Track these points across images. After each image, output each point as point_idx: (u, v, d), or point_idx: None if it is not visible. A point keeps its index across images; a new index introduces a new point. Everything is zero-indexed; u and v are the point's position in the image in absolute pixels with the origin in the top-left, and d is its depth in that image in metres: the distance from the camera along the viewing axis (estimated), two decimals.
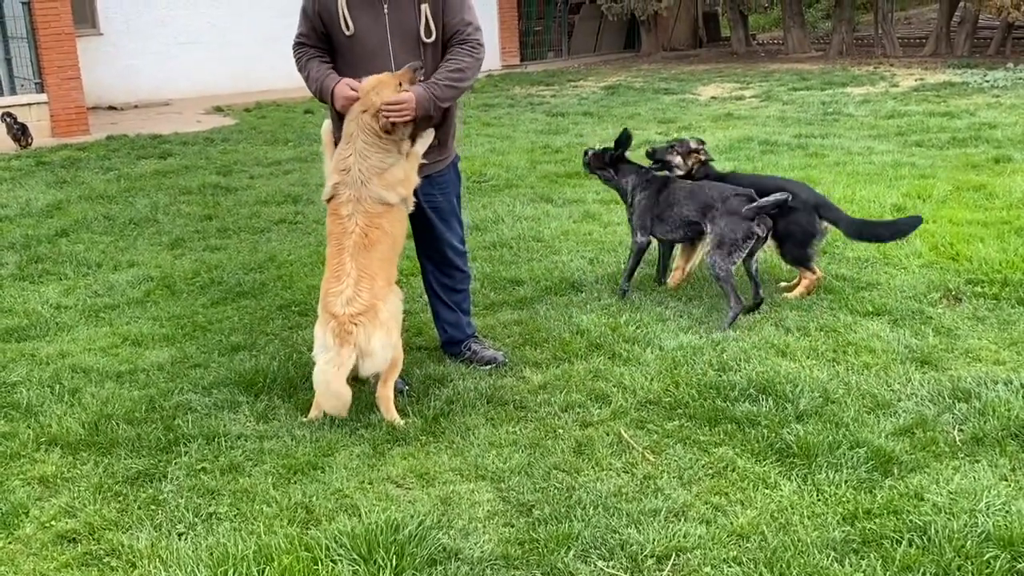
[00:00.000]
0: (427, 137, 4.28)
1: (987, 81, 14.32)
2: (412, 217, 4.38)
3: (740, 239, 5.00)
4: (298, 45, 4.36)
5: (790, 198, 5.04)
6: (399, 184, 4.14)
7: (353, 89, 4.09)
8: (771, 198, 5.01)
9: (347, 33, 4.15)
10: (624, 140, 5.55)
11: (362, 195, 4.07)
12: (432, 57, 4.23)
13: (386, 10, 4.15)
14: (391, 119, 4.01)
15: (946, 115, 11.32)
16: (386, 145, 4.08)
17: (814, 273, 5.41)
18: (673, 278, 5.66)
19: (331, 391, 3.90)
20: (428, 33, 4.19)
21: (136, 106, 15.94)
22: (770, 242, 5.33)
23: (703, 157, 5.64)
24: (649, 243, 5.51)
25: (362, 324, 3.95)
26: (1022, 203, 6.99)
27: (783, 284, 5.59)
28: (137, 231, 7.56)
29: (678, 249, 5.67)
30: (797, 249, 5.35)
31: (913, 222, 5.48)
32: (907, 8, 27.45)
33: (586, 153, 5.72)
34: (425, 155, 4.29)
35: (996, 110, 11.64)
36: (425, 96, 4.05)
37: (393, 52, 4.19)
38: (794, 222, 5.27)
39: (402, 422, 4.06)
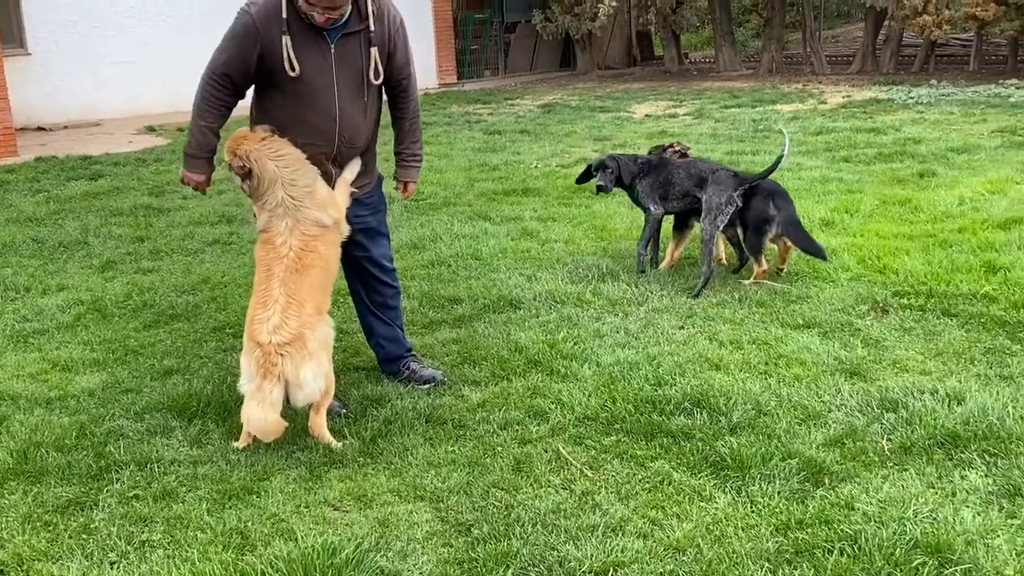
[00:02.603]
0: (354, 165, 4.37)
1: (911, 98, 14.75)
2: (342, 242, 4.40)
3: (723, 204, 5.82)
4: (214, 83, 4.14)
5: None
6: (329, 205, 4.14)
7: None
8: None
9: (292, 74, 4.08)
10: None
11: (299, 217, 4.04)
12: (375, 96, 4.35)
13: (332, 50, 4.13)
14: None
15: (872, 131, 11.62)
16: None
17: (760, 266, 5.90)
18: (665, 264, 6.31)
19: (263, 429, 3.81)
20: (376, 76, 4.24)
21: (66, 127, 15.63)
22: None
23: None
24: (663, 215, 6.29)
25: (289, 355, 3.86)
26: (946, 216, 7.20)
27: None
28: (67, 254, 7.41)
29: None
30: (755, 236, 5.88)
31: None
32: (834, 27, 28.14)
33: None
34: (353, 182, 4.38)
35: (920, 126, 11.99)
36: (417, 172, 4.75)
37: (338, 91, 4.20)
38: (752, 208, 5.88)
39: (339, 444, 4.03)
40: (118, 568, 3.23)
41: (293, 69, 4.07)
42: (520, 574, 3.13)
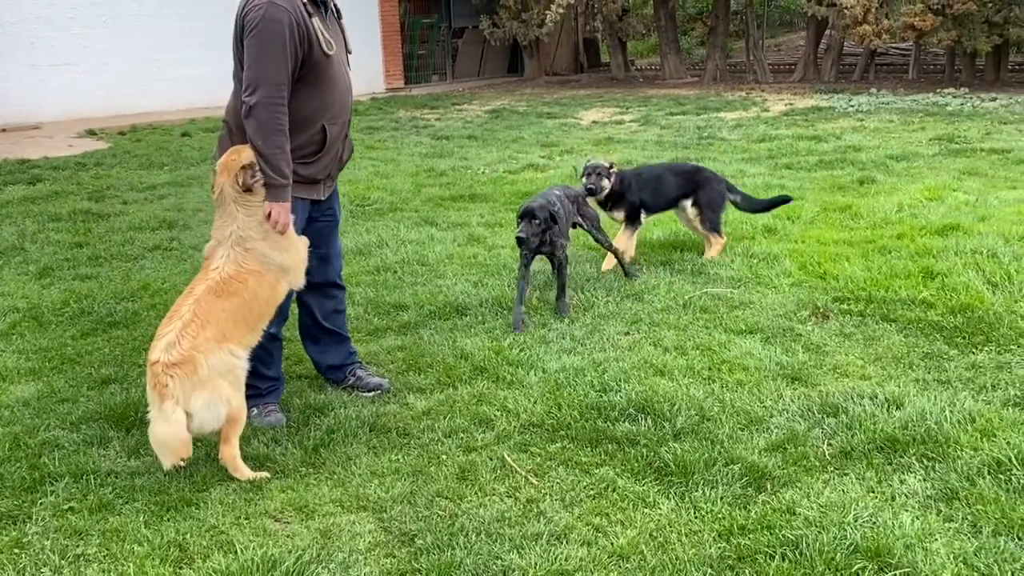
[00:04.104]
0: None
1: (852, 106, 15.01)
2: (316, 242, 4.27)
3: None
4: (281, 100, 3.84)
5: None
6: (289, 247, 3.99)
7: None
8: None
9: (329, 52, 4.02)
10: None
11: (247, 248, 3.85)
12: None
13: (328, 27, 4.14)
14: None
15: (814, 139, 11.80)
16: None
17: (722, 237, 6.63)
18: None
19: (171, 449, 3.58)
20: (350, 49, 4.37)
21: (4, 130, 15.29)
22: (691, 211, 6.64)
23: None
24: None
25: (178, 378, 3.57)
26: (885, 223, 7.32)
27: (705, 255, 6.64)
28: (3, 261, 7.23)
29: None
30: (714, 215, 6.60)
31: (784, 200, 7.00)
32: (777, 36, 28.56)
33: None
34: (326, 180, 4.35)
35: (860, 133, 12.20)
36: None
37: (344, 63, 4.25)
38: (714, 191, 6.60)
39: (255, 475, 3.81)
40: None
41: (331, 47, 4.03)
42: None
